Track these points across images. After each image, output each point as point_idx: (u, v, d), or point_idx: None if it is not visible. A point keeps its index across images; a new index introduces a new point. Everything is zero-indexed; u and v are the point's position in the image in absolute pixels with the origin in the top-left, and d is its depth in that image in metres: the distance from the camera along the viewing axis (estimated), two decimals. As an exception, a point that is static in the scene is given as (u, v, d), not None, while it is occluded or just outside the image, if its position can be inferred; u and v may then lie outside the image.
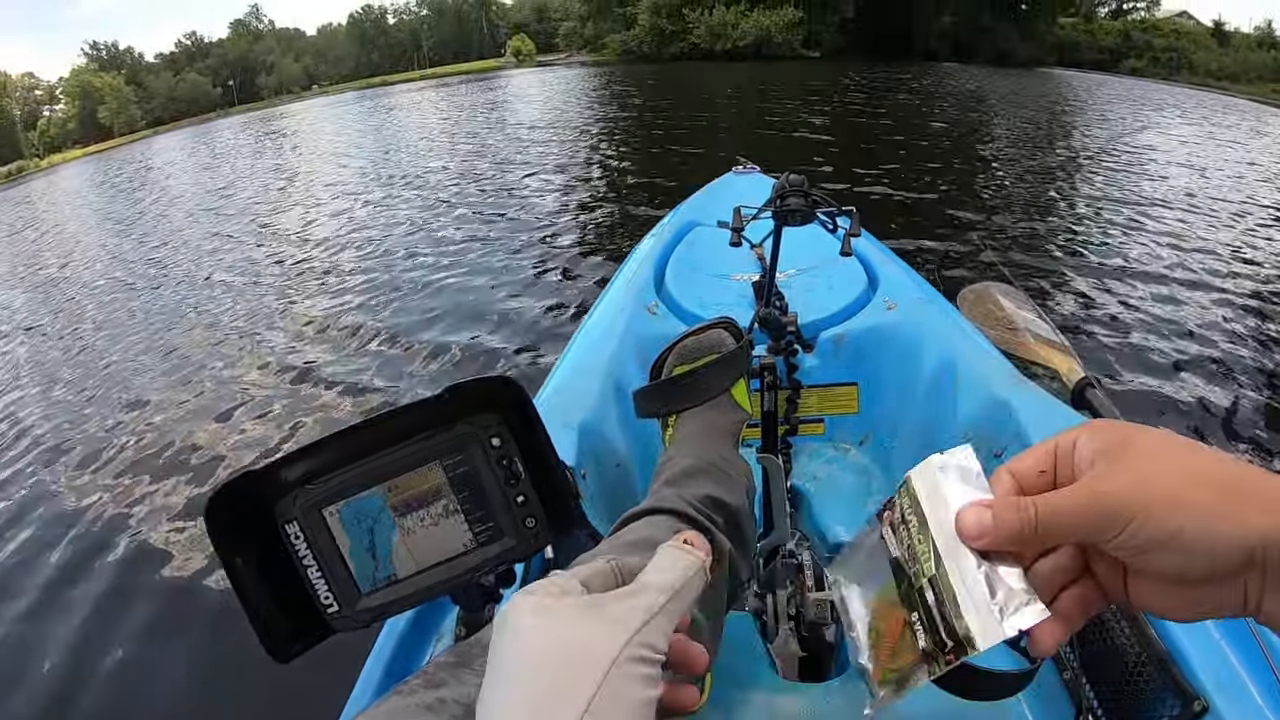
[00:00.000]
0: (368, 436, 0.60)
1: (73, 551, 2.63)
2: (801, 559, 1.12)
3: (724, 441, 1.00)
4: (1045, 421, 1.08)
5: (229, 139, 24.18)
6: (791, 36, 35.11)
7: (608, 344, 1.48)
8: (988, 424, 1.17)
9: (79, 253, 9.02)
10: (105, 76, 59.50)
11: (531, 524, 0.64)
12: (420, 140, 14.59)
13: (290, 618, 0.59)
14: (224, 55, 68.20)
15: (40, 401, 4.15)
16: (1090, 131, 11.55)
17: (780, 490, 1.16)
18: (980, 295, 1.98)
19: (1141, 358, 3.27)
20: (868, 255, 1.83)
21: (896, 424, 1.47)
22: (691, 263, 1.90)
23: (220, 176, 14.24)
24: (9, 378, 4.74)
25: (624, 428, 1.33)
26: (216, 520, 0.56)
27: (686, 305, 1.66)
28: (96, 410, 3.83)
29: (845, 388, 1.56)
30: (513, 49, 63.22)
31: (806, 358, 1.54)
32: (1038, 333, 1.73)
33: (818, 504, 1.40)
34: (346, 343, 4.06)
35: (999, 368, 1.32)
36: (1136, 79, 32.94)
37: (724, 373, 1.01)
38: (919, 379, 1.41)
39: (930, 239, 5.00)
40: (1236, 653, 0.74)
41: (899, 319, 1.54)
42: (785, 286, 1.64)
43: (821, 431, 1.59)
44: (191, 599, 2.25)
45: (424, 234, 6.33)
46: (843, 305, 1.62)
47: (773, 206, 1.28)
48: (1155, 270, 4.47)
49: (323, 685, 0.99)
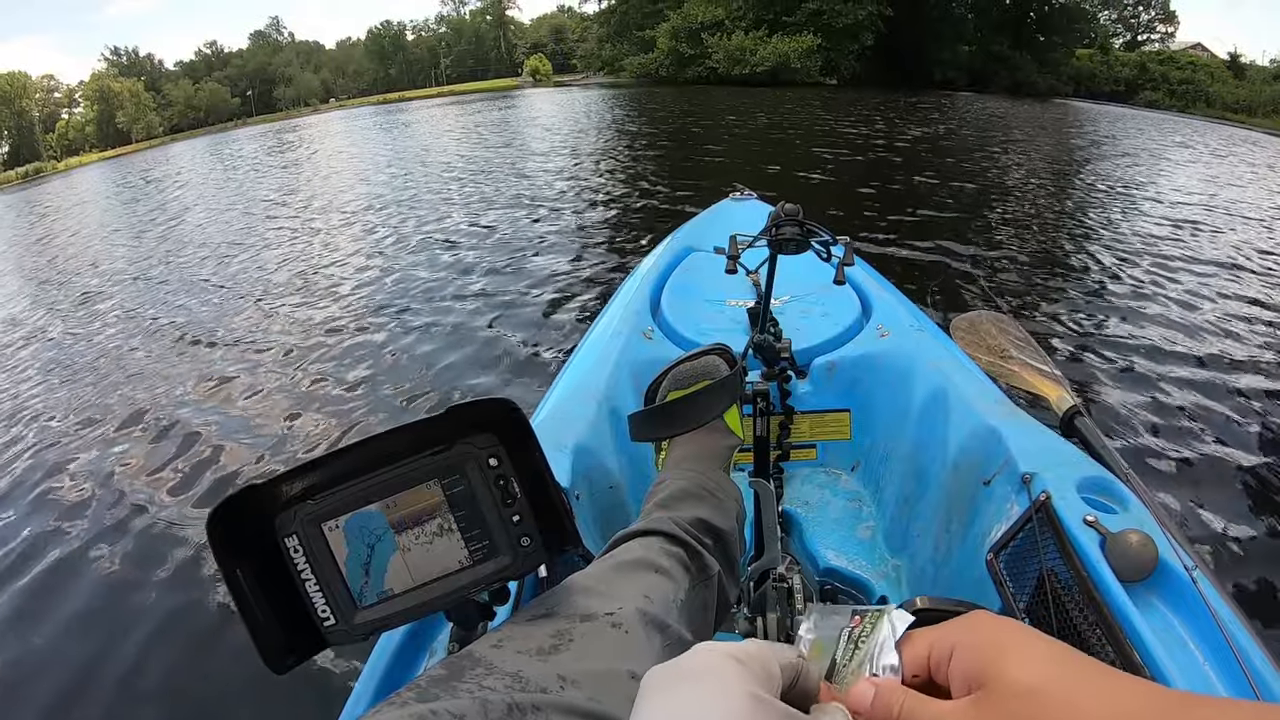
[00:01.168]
0: (368, 454, 0.61)
1: (71, 549, 2.65)
2: (792, 582, 1.13)
3: (716, 466, 1.01)
4: (1034, 449, 1.10)
5: (246, 149, 24.30)
6: (810, 63, 35.17)
7: (603, 368, 1.50)
8: (977, 451, 1.19)
9: (87, 254, 9.12)
10: (125, 82, 59.43)
11: (527, 543, 0.65)
12: (434, 155, 14.67)
13: (287, 629, 0.60)
14: (243, 66, 68.17)
15: (39, 400, 4.20)
16: (1104, 164, 11.55)
17: (772, 514, 1.17)
18: (973, 323, 2.00)
19: (1133, 386, 3.29)
20: (862, 283, 1.86)
21: (888, 450, 1.48)
22: (687, 288, 1.92)
23: (237, 185, 14.37)
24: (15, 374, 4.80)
25: (617, 450, 1.34)
26: (218, 532, 0.57)
27: (682, 330, 1.68)
28: (99, 409, 3.86)
29: (838, 414, 1.58)
30: (530, 69, 63.56)
31: (800, 384, 1.56)
32: (1029, 361, 1.75)
33: (809, 528, 1.41)
34: (349, 356, 4.07)
35: (989, 396, 1.33)
36: (1153, 111, 32.90)
37: (717, 399, 1.03)
38: (910, 406, 1.43)
39: (932, 265, 5.04)
40: (1221, 678, 0.75)
41: (891, 346, 1.56)
42: (780, 313, 1.67)
43: (814, 457, 1.60)
44: (192, 607, 2.24)
45: (431, 251, 6.33)
46: (836, 332, 1.64)
47: (768, 235, 1.30)
48: (1156, 303, 4.49)
49: (317, 697, 1.00)
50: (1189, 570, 0.84)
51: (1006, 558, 1.00)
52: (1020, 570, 0.97)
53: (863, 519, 1.44)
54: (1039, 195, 8.12)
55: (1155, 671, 0.75)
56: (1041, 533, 0.94)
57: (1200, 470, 2.68)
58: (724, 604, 0.88)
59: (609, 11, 48.45)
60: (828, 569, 1.32)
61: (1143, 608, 0.82)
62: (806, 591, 1.15)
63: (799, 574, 1.20)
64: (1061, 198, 8.02)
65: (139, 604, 2.31)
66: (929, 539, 1.24)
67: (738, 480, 1.06)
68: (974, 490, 1.15)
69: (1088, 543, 0.88)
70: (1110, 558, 0.86)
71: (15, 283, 8.37)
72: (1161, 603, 0.84)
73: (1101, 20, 45.26)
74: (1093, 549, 0.87)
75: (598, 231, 6.54)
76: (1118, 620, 0.80)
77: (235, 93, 66.76)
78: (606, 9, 49.34)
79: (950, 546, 1.18)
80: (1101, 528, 0.89)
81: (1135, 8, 48.28)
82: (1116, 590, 0.83)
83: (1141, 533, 0.86)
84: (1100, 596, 0.83)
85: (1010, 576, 0.98)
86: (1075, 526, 0.91)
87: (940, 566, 1.19)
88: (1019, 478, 1.04)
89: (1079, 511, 0.93)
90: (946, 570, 1.17)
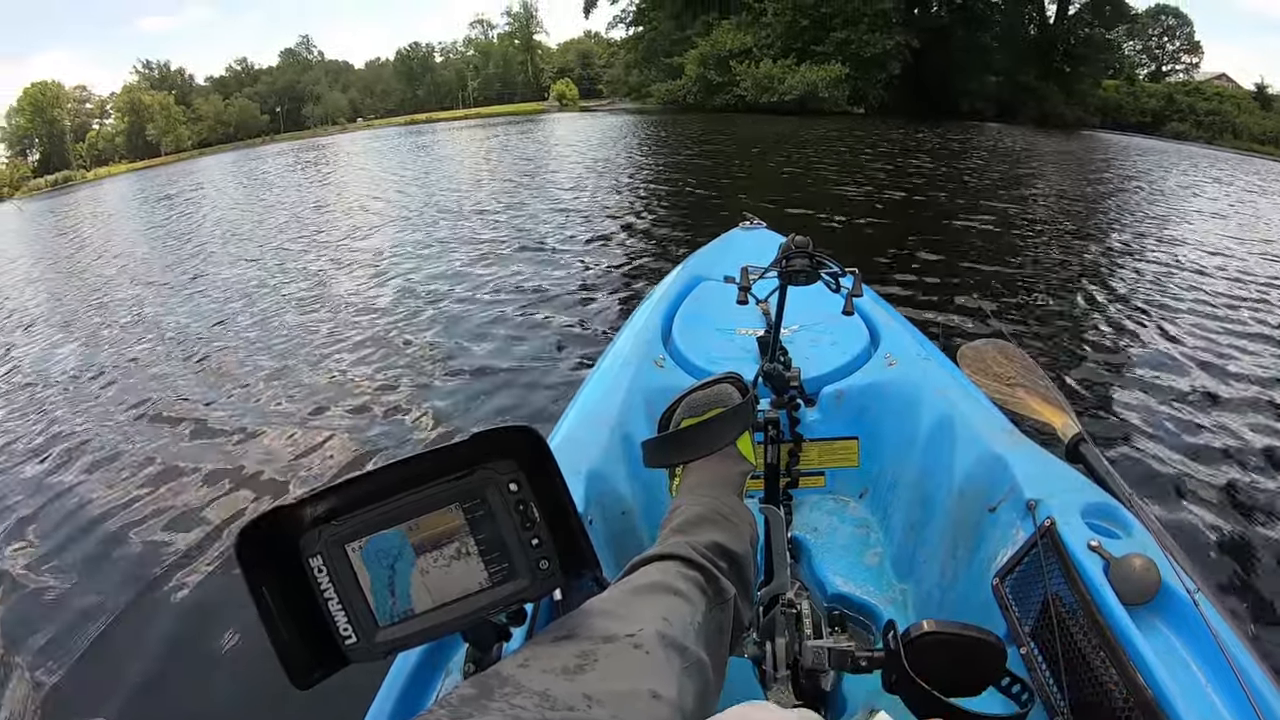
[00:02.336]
0: (391, 477, 0.63)
1: (99, 558, 2.70)
2: (800, 608, 1.15)
3: (730, 491, 1.04)
4: (1039, 476, 1.12)
5: (275, 165, 24.83)
6: (838, 92, 34.93)
7: (615, 395, 1.52)
8: (983, 478, 1.20)
9: (111, 260, 9.52)
10: (156, 95, 60.07)
11: (545, 565, 0.67)
12: (460, 175, 14.89)
13: (311, 647, 0.62)
14: (273, 83, 68.73)
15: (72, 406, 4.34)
16: (1130, 196, 11.46)
17: (781, 541, 1.19)
18: (980, 352, 2.02)
19: (1139, 413, 3.29)
20: (870, 312, 1.88)
21: (896, 477, 1.49)
22: (698, 317, 1.95)
23: (265, 198, 14.75)
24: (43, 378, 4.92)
25: (630, 476, 1.36)
26: (245, 551, 0.59)
27: (693, 359, 1.71)
28: (129, 420, 3.96)
29: (846, 442, 1.60)
30: (556, 93, 64.00)
31: (809, 412, 1.58)
32: (1034, 388, 1.76)
33: (817, 555, 1.42)
34: (369, 379, 4.12)
35: (995, 423, 1.35)
36: (1180, 142, 32.43)
37: (730, 426, 1.06)
38: (917, 434, 1.44)
39: (946, 296, 5.07)
40: (1223, 700, 0.76)
41: (899, 375, 1.58)
42: (789, 342, 1.69)
43: (822, 484, 1.61)
44: (209, 623, 2.27)
45: (452, 276, 6.36)
46: (845, 361, 1.66)
47: (778, 267, 1.33)
48: (1163, 333, 4.50)
49: (334, 717, 1.01)
50: (1191, 593, 0.85)
51: (1012, 582, 1.01)
52: (1025, 595, 0.98)
53: (870, 545, 1.45)
54: (1061, 228, 8.06)
55: (1158, 693, 0.76)
56: (1046, 558, 0.96)
57: (1204, 495, 2.67)
58: (739, 627, 0.89)
59: (636, 38, 48.70)
60: (836, 595, 1.33)
61: (1146, 630, 0.83)
62: (815, 617, 1.17)
63: (808, 599, 1.21)
64: (1085, 232, 7.96)
65: (157, 616, 2.35)
66: (936, 564, 1.26)
67: (748, 506, 1.08)
68: (980, 516, 1.16)
69: (1091, 567, 0.90)
70: (1114, 581, 0.87)
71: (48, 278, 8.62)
72: (1164, 625, 0.85)
73: (1126, 51, 44.97)
74: (1096, 573, 0.89)
75: (620, 256, 6.59)
76: (1121, 643, 0.82)
77: (264, 109, 67.33)
78: (634, 35, 49.62)
79: (957, 572, 1.19)
80: (1105, 552, 0.91)
81: (1160, 38, 48.11)
82: (1120, 613, 0.84)
83: (1144, 557, 0.87)
84: (1104, 620, 0.85)
85: (1015, 601, 0.99)
86: (1079, 551, 0.92)
87: (947, 591, 1.21)
88: (1024, 504, 1.05)
89: (1083, 536, 0.94)
90: (953, 595, 1.18)
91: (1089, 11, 39.20)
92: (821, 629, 1.22)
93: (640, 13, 48.11)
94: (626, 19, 50.77)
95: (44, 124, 55.37)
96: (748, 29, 38.36)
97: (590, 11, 53.69)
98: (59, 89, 57.60)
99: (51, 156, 54.96)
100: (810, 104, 34.09)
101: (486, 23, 73.15)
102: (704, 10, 41.66)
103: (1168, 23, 47.73)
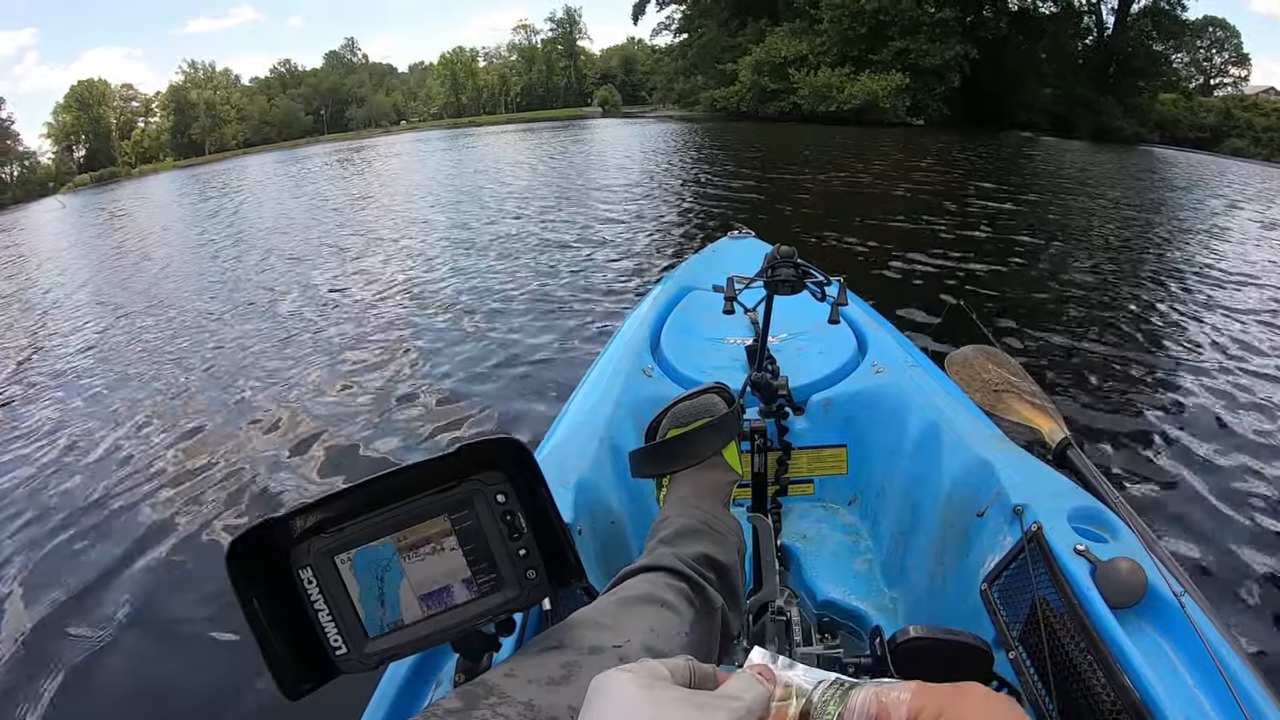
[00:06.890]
0: (380, 489, 0.64)
1: (96, 561, 2.70)
2: (790, 615, 1.15)
3: (716, 501, 1.04)
4: (1026, 481, 1.13)
5: (319, 166, 24.93)
6: (897, 103, 33.88)
7: (604, 405, 1.52)
8: (970, 484, 1.21)
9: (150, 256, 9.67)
10: (201, 94, 59.78)
11: (533, 575, 0.67)
12: (499, 183, 14.62)
13: (301, 658, 0.62)
14: (317, 84, 68.03)
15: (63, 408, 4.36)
16: (1186, 213, 10.72)
17: (770, 549, 1.19)
18: (967, 358, 2.03)
19: (1126, 418, 3.32)
20: (858, 320, 1.89)
21: (884, 485, 1.50)
22: (686, 326, 1.95)
23: (306, 199, 14.85)
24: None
25: (619, 486, 1.36)
26: (236, 564, 0.59)
27: (681, 368, 1.71)
28: (127, 425, 3.96)
29: (834, 449, 1.60)
30: (600, 99, 63.95)
31: (797, 420, 1.58)
32: (1022, 395, 1.77)
33: (807, 562, 1.42)
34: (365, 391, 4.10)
35: (982, 430, 1.36)
36: (1238, 159, 30.66)
37: (716, 436, 1.07)
38: (905, 441, 1.45)
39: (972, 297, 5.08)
40: (1210, 702, 0.77)
41: (886, 383, 1.59)
42: (777, 351, 1.70)
43: (811, 492, 1.62)
44: (208, 633, 2.25)
45: (480, 289, 6.21)
46: (832, 369, 1.67)
47: (764, 277, 1.34)
48: (1157, 341, 4.50)
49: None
50: (1178, 596, 0.86)
51: (1000, 587, 1.02)
52: (1013, 599, 0.99)
53: (860, 552, 1.46)
54: (1119, 244, 7.70)
55: (1145, 695, 0.77)
56: (1034, 562, 0.96)
57: (1191, 498, 2.69)
58: (727, 636, 0.90)
59: (685, 45, 48.08)
60: (826, 601, 1.33)
61: (1133, 633, 0.84)
62: (805, 624, 1.17)
63: (797, 607, 1.21)
64: (1129, 249, 7.51)
65: (158, 623, 2.34)
66: (924, 570, 1.26)
67: (737, 515, 1.08)
68: (968, 522, 1.17)
69: (1078, 571, 0.90)
70: (1100, 585, 0.88)
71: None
72: (1151, 628, 0.86)
73: (1174, 64, 42.64)
74: (1083, 577, 0.89)
75: (651, 266, 6.47)
76: (1108, 646, 0.82)
77: (308, 110, 66.78)
78: (683, 42, 48.96)
79: (945, 577, 1.19)
80: (1092, 556, 0.91)
81: (1208, 51, 46.07)
82: (1107, 617, 0.85)
83: (1131, 560, 0.88)
84: (1091, 623, 0.85)
85: (1004, 605, 1.00)
86: (1066, 555, 0.93)
87: (936, 597, 1.21)
88: (1011, 509, 1.06)
89: (1070, 541, 0.95)
90: (942, 600, 1.19)
91: (1149, 23, 37.85)
92: (811, 636, 1.22)
93: (688, 19, 47.68)
94: (672, 25, 50.52)
95: (90, 121, 54.94)
96: (803, 36, 37.47)
97: (639, 18, 53.29)
98: (105, 87, 57.30)
99: (97, 153, 54.58)
100: (869, 115, 33.22)
101: (530, 28, 72.76)
102: (754, 17, 40.84)
103: (1215, 34, 45.70)
